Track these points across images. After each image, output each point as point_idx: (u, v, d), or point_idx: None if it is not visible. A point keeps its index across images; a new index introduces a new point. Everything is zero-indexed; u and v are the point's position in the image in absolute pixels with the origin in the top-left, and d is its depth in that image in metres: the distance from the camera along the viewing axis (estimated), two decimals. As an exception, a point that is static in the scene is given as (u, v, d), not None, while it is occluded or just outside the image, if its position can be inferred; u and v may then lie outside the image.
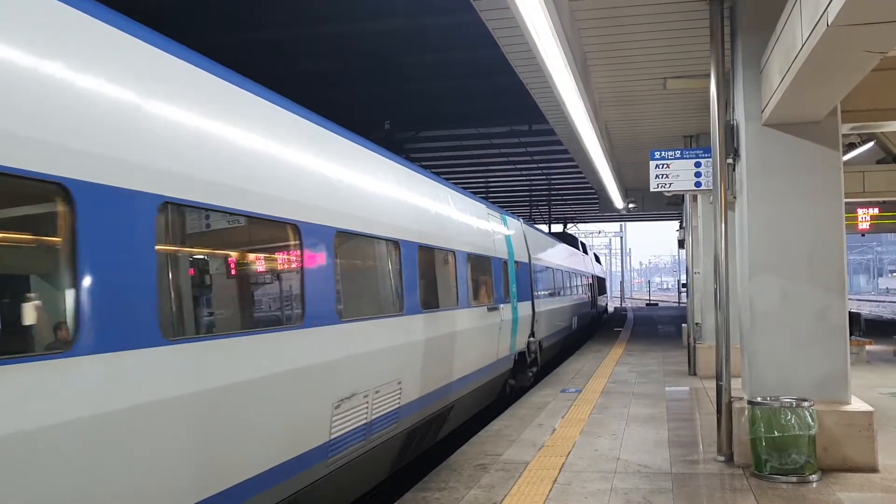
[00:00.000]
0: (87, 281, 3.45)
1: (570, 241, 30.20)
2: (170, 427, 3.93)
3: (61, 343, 3.36)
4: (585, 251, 33.79)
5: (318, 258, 5.59)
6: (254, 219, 4.89)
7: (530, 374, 13.77)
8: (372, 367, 6.35)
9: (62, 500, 3.27)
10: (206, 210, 4.44)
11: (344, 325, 5.87)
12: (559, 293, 19.71)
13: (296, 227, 5.29)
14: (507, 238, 12.87)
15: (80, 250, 3.42)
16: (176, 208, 4.19)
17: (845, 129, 8.94)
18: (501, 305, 11.49)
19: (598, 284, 36.74)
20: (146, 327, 3.79)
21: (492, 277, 11.11)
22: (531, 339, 14.16)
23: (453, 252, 9.11)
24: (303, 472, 5.33)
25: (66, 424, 3.28)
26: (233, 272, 5.02)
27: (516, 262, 13.17)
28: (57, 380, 3.27)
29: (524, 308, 13.49)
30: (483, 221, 11.24)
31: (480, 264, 10.56)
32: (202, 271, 4.66)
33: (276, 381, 4.92)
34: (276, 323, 5.21)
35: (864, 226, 20.40)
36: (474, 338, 9.75)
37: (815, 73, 5.75)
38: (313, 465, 5.47)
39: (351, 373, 5.93)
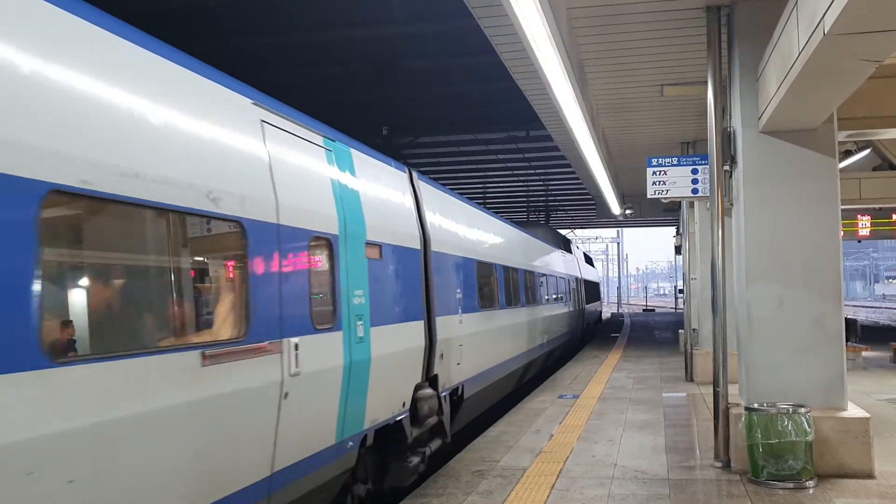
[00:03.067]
0: None
1: (551, 235, 24.18)
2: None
3: None
4: (569, 248, 27.38)
5: None
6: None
7: (419, 459, 7.37)
8: None
9: None
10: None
11: None
12: (508, 303, 12.79)
13: None
14: (342, 190, 6.27)
15: None
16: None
17: (842, 136, 9.00)
18: (295, 340, 5.17)
19: (589, 290, 30.98)
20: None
21: (247, 273, 4.75)
22: (421, 392, 7.66)
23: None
24: None
25: None
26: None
27: (375, 246, 6.73)
28: None
29: (403, 335, 7.28)
30: (228, 134, 4.79)
31: (180, 236, 4.42)
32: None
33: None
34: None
35: (863, 232, 20.51)
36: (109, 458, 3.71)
37: (812, 81, 5.78)
38: None
39: None
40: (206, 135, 4.55)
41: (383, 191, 7.30)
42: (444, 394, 8.41)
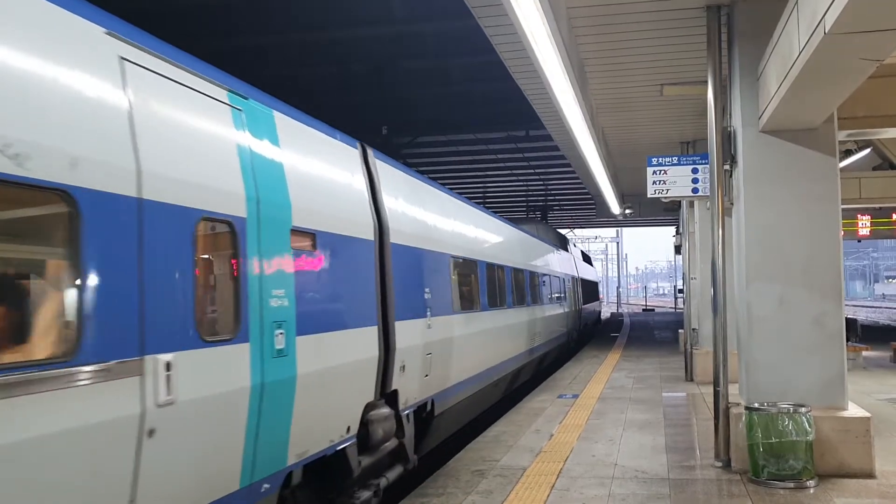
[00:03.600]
0: None
1: (545, 231, 23.09)
2: None
3: None
4: (565, 246, 26.28)
5: None
6: None
7: (370, 493, 6.28)
8: None
9: None
10: None
11: None
12: (491, 304, 11.50)
13: None
14: (257, 161, 4.96)
15: None
16: None
17: (842, 135, 9.00)
18: (166, 358, 3.87)
19: (587, 290, 30.07)
20: None
21: (78, 265, 3.39)
22: (375, 412, 6.53)
23: None
24: None
25: None
26: None
27: (306, 234, 5.43)
28: None
29: (346, 345, 5.94)
30: (54, 69, 3.41)
31: None
32: None
33: None
34: None
35: (863, 232, 20.56)
36: None
37: (812, 81, 5.78)
38: None
39: None
40: (6, 65, 3.17)
41: (322, 167, 5.90)
42: (406, 412, 7.23)
